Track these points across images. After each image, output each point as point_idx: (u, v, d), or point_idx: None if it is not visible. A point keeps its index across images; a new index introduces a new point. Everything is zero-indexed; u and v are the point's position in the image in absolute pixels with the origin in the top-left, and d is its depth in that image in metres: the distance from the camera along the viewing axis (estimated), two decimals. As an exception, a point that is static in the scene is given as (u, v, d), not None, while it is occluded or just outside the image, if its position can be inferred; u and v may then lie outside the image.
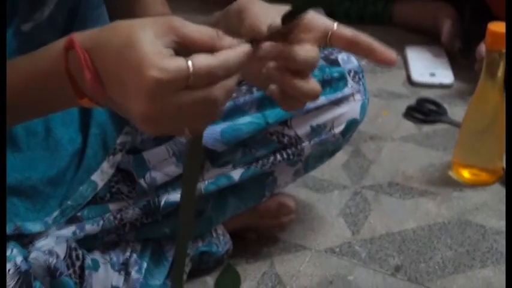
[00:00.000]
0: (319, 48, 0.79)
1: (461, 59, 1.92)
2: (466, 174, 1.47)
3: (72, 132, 1.07)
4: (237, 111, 1.10)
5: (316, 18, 0.79)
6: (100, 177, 1.08)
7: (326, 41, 0.80)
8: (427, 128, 1.66)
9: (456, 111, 1.71)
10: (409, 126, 1.67)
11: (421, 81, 1.85)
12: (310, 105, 1.10)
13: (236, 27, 0.78)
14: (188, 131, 0.71)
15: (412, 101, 1.75)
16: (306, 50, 0.77)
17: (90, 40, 0.71)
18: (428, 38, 2.04)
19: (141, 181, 1.09)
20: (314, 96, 0.78)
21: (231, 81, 0.70)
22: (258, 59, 0.76)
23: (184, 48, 0.69)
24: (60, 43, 0.73)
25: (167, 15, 1.03)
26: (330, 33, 0.79)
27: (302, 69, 0.77)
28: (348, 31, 0.79)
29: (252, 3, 0.79)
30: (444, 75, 1.87)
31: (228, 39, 0.71)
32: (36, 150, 1.01)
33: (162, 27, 0.69)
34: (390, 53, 0.78)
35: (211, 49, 0.69)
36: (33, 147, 1.01)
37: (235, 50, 0.70)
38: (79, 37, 0.71)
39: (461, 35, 1.98)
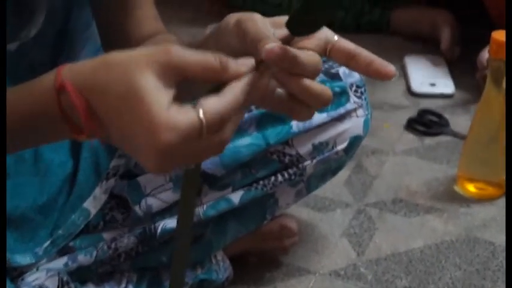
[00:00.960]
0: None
1: (461, 67, 1.88)
2: (471, 188, 1.42)
3: (62, 156, 1.02)
4: (236, 131, 1.05)
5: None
6: (93, 204, 1.03)
7: (326, 52, 0.75)
8: (429, 141, 1.62)
9: (458, 122, 1.67)
10: (411, 139, 1.63)
11: (421, 91, 1.80)
12: (312, 122, 1.07)
13: (231, 43, 0.74)
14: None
15: (413, 112, 1.70)
16: (309, 54, 0.72)
17: (83, 81, 0.66)
18: (427, 46, 2.00)
19: (136, 208, 1.04)
20: (326, 98, 0.73)
21: (238, 118, 0.67)
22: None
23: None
24: (49, 81, 0.68)
25: (161, 32, 1.00)
26: (330, 45, 0.75)
27: (307, 74, 0.72)
28: (349, 44, 0.75)
29: (250, 15, 0.75)
30: (445, 84, 1.83)
31: (233, 67, 0.67)
32: (25, 177, 0.98)
33: (161, 67, 0.64)
34: (388, 66, 0.74)
35: (216, 81, 0.66)
36: (22, 173, 0.97)
37: (242, 84, 0.66)
38: (69, 75, 0.66)
39: (461, 42, 1.94)
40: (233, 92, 0.66)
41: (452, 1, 2.06)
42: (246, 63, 0.68)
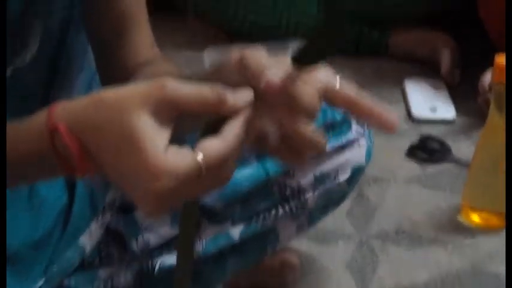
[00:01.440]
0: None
1: (462, 91, 1.85)
2: (476, 218, 1.40)
3: (57, 190, 0.99)
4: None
5: (317, 71, 0.71)
6: (88, 239, 1.00)
7: (326, 97, 0.72)
8: (431, 168, 1.59)
9: (461, 148, 1.65)
10: (413, 167, 1.60)
11: (422, 117, 1.78)
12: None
13: (233, 79, 0.71)
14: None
15: (413, 138, 1.67)
16: (309, 95, 0.69)
17: (76, 121, 0.64)
18: (426, 69, 1.97)
19: (133, 243, 1.01)
20: (319, 146, 0.70)
21: (238, 156, 0.65)
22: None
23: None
24: (42, 120, 0.66)
25: (158, 58, 0.97)
26: (331, 90, 0.71)
27: (305, 113, 0.69)
28: (350, 90, 0.71)
29: (253, 50, 0.72)
30: (445, 109, 1.80)
31: (230, 100, 0.65)
32: (18, 212, 0.94)
33: (156, 104, 0.62)
34: (391, 118, 0.70)
35: (213, 115, 0.65)
36: (16, 208, 0.93)
37: (240, 122, 0.64)
38: (61, 114, 0.65)
39: (461, 65, 1.92)
40: (233, 132, 0.64)
41: (452, 24, 2.03)
42: (244, 95, 0.66)
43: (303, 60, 0.68)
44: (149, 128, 0.61)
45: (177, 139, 0.64)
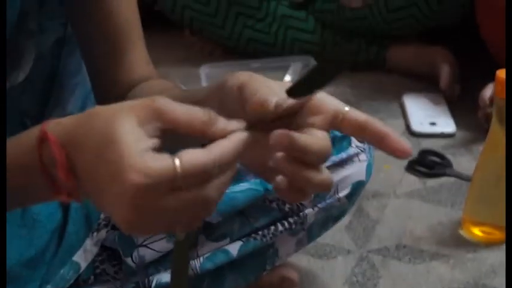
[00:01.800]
0: (329, 133, 0.70)
1: (462, 106, 1.84)
2: (478, 232, 1.38)
3: (51, 207, 0.97)
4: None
5: (326, 99, 0.69)
6: (83, 257, 0.98)
7: (335, 126, 0.70)
8: (432, 182, 1.57)
9: (461, 162, 1.63)
10: (413, 181, 1.57)
11: (421, 131, 1.76)
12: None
13: (233, 104, 0.69)
14: (180, 228, 0.63)
15: (413, 153, 1.65)
16: (319, 140, 0.67)
17: (66, 135, 0.63)
18: (425, 84, 1.95)
19: (129, 260, 0.99)
20: (326, 188, 0.68)
21: (227, 177, 0.62)
22: (260, 146, 0.67)
23: (170, 133, 0.62)
24: (34, 133, 0.65)
25: (153, 76, 0.96)
26: (340, 117, 0.69)
27: (313, 161, 0.67)
28: (360, 115, 0.69)
29: (255, 78, 0.70)
30: (445, 124, 1.78)
31: (221, 123, 0.63)
32: (11, 229, 0.92)
33: (144, 113, 0.61)
34: (404, 143, 0.68)
35: (201, 135, 0.62)
36: (9, 225, 0.91)
37: (231, 141, 0.62)
38: (54, 128, 0.63)
39: (460, 80, 1.90)
40: (219, 147, 0.61)
41: (450, 38, 2.02)
42: (237, 124, 0.64)
43: (297, 93, 0.66)
44: (129, 130, 0.59)
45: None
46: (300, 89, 0.66)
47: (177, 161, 0.58)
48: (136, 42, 0.97)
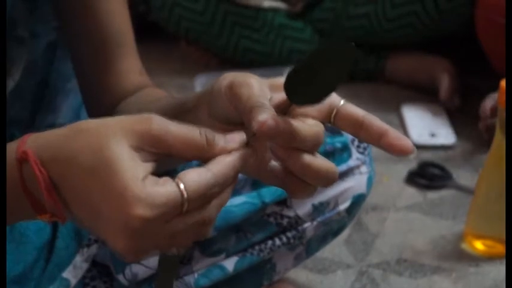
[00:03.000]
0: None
1: (461, 117, 1.81)
2: (480, 246, 1.35)
3: (40, 222, 0.92)
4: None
5: None
6: (73, 273, 0.95)
7: (330, 119, 0.67)
8: (432, 195, 1.54)
9: (462, 174, 1.60)
10: (413, 193, 1.55)
11: (421, 142, 1.73)
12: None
13: (223, 106, 0.67)
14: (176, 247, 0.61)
15: (413, 164, 1.63)
16: (309, 125, 0.64)
17: (48, 150, 0.59)
18: (424, 95, 1.93)
19: (120, 277, 0.96)
20: (330, 176, 0.65)
21: (227, 194, 0.60)
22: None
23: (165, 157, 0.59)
24: (14, 149, 0.61)
25: (146, 86, 0.94)
26: (335, 110, 0.67)
27: (306, 148, 0.64)
28: (356, 110, 0.67)
29: (241, 75, 0.67)
30: (445, 135, 1.75)
31: (220, 145, 0.61)
32: (-2, 244, 0.89)
33: (139, 137, 0.58)
34: (405, 140, 0.65)
35: (200, 159, 0.60)
36: (-5, 240, 0.89)
37: (232, 157, 0.60)
38: (35, 142, 0.60)
39: (460, 91, 1.88)
40: (220, 165, 0.59)
41: (450, 48, 2.00)
42: (236, 139, 0.62)
43: (295, 99, 0.64)
44: (126, 156, 0.57)
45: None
46: (303, 95, 0.63)
47: (181, 185, 0.56)
48: (128, 51, 0.95)
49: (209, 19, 2.01)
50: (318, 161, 0.64)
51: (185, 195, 0.56)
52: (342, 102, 0.66)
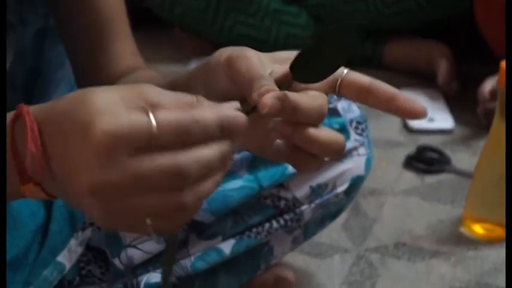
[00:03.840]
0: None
1: (460, 102, 1.80)
2: (479, 229, 1.33)
3: (33, 205, 0.93)
4: (226, 174, 0.96)
5: None
6: (67, 257, 0.93)
7: (335, 89, 0.66)
8: (430, 179, 1.53)
9: (460, 158, 1.59)
10: (411, 178, 1.53)
11: (419, 127, 1.71)
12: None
13: (220, 82, 0.65)
14: (152, 228, 0.55)
15: (411, 150, 1.61)
16: (312, 98, 0.63)
17: (44, 112, 0.58)
18: (422, 80, 1.92)
19: (116, 261, 0.94)
20: (336, 148, 0.63)
21: (207, 150, 0.55)
22: (257, 124, 0.63)
23: None
24: (11, 114, 0.60)
25: (140, 67, 0.93)
26: (339, 80, 0.65)
27: (309, 121, 0.63)
28: (361, 77, 0.65)
29: (240, 49, 0.65)
30: (443, 119, 1.74)
31: (209, 105, 0.58)
32: (-9, 229, 0.87)
33: (129, 93, 0.55)
34: (416, 103, 0.64)
35: None
36: (-12, 225, 0.87)
37: (217, 109, 0.57)
38: (33, 107, 0.59)
39: (458, 76, 1.86)
40: (201, 109, 0.56)
41: (448, 33, 1.98)
42: (227, 104, 0.59)
43: (299, 76, 0.63)
44: (107, 94, 0.55)
45: None
46: (307, 73, 0.63)
47: (151, 115, 0.53)
48: (121, 33, 0.94)
49: (203, 4, 1.99)
50: (324, 133, 0.63)
51: (154, 123, 0.53)
52: (345, 71, 0.65)
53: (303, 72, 0.63)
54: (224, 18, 1.99)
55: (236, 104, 0.59)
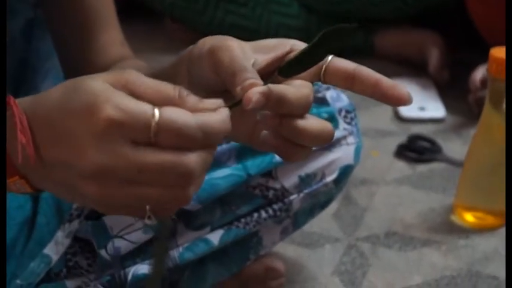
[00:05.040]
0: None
1: (451, 91, 1.79)
2: (470, 218, 1.33)
3: (20, 198, 0.92)
4: (213, 162, 0.95)
5: None
6: (54, 249, 0.92)
7: (319, 77, 0.65)
8: (422, 168, 1.52)
9: (452, 147, 1.58)
10: (402, 167, 1.52)
11: (410, 116, 1.71)
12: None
13: (203, 71, 0.64)
14: (151, 213, 0.56)
15: (402, 139, 1.60)
16: (296, 88, 0.62)
17: (33, 103, 0.58)
18: (414, 69, 1.91)
19: (103, 252, 0.93)
20: (326, 135, 0.63)
21: (210, 153, 0.56)
22: (244, 115, 0.63)
23: None
24: None
25: (128, 57, 0.92)
26: (324, 67, 0.64)
27: (295, 112, 0.62)
28: (346, 63, 0.64)
29: (225, 40, 0.64)
30: (435, 108, 1.73)
31: (192, 100, 0.57)
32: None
33: (113, 79, 0.56)
34: (400, 88, 0.64)
35: None
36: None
37: (219, 113, 0.57)
38: (19, 100, 0.59)
39: (449, 64, 1.85)
40: (206, 115, 0.56)
41: (439, 21, 1.97)
42: (210, 101, 0.58)
43: (288, 73, 0.62)
44: (101, 82, 0.55)
45: None
46: (291, 69, 0.62)
47: (156, 111, 0.54)
48: (109, 24, 0.93)
49: (194, -6, 1.98)
50: (311, 123, 0.62)
51: (156, 116, 0.53)
52: (330, 57, 0.64)
53: (289, 70, 0.62)
54: (215, 8, 1.98)
55: (219, 101, 0.58)
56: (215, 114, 0.57)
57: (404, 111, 1.72)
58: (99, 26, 0.91)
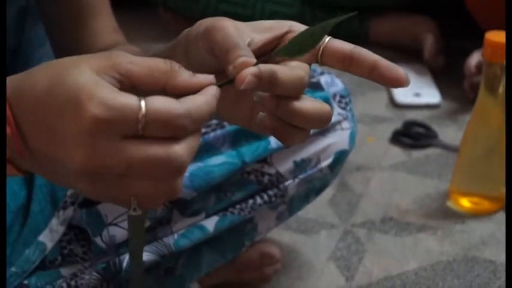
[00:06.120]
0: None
1: (446, 77, 1.79)
2: (465, 203, 1.33)
3: (14, 184, 0.92)
4: (208, 149, 0.95)
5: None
6: (49, 237, 0.92)
7: (317, 58, 0.65)
8: (417, 154, 1.52)
9: (447, 133, 1.58)
10: (398, 153, 1.52)
11: (405, 102, 1.71)
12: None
13: (200, 53, 0.64)
14: (137, 203, 0.56)
15: (398, 125, 1.60)
16: (291, 69, 0.61)
17: (14, 89, 0.57)
18: (409, 55, 1.91)
19: (97, 239, 0.93)
20: (322, 119, 0.62)
21: (196, 139, 0.56)
22: (241, 97, 0.63)
23: (130, 88, 0.55)
24: None
25: (121, 43, 0.91)
26: (321, 48, 0.64)
27: (289, 93, 0.61)
28: (344, 45, 0.64)
29: (220, 19, 0.64)
30: (430, 94, 1.73)
31: (185, 74, 0.57)
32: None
33: (100, 63, 0.55)
34: (398, 70, 0.63)
35: (162, 88, 0.56)
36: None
37: (204, 94, 0.56)
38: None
39: (444, 50, 1.85)
40: (192, 100, 0.55)
41: (434, 8, 1.97)
42: (202, 76, 0.58)
43: (287, 53, 0.62)
44: (87, 72, 0.54)
45: None
46: (291, 49, 0.61)
47: (142, 102, 0.53)
48: (101, 10, 0.93)
49: (187, -18, 1.97)
50: (308, 104, 0.61)
51: (143, 109, 0.52)
52: (327, 39, 0.64)
53: (289, 50, 0.62)
54: (208, -4, 1.97)
55: (211, 77, 0.58)
56: (199, 96, 0.56)
57: (400, 97, 1.72)
58: (92, 13, 0.91)
